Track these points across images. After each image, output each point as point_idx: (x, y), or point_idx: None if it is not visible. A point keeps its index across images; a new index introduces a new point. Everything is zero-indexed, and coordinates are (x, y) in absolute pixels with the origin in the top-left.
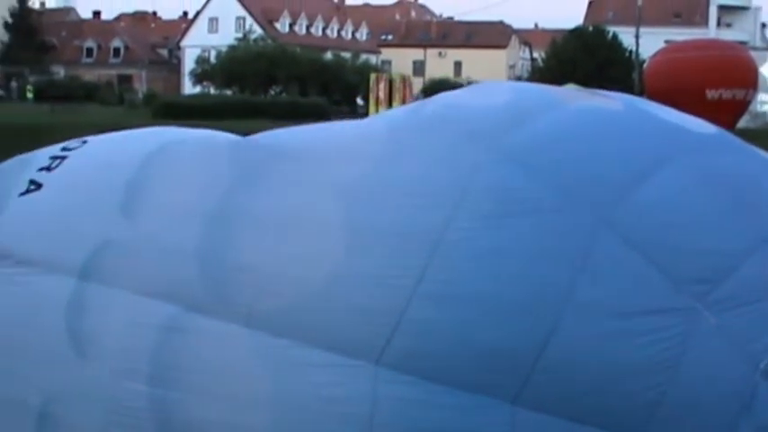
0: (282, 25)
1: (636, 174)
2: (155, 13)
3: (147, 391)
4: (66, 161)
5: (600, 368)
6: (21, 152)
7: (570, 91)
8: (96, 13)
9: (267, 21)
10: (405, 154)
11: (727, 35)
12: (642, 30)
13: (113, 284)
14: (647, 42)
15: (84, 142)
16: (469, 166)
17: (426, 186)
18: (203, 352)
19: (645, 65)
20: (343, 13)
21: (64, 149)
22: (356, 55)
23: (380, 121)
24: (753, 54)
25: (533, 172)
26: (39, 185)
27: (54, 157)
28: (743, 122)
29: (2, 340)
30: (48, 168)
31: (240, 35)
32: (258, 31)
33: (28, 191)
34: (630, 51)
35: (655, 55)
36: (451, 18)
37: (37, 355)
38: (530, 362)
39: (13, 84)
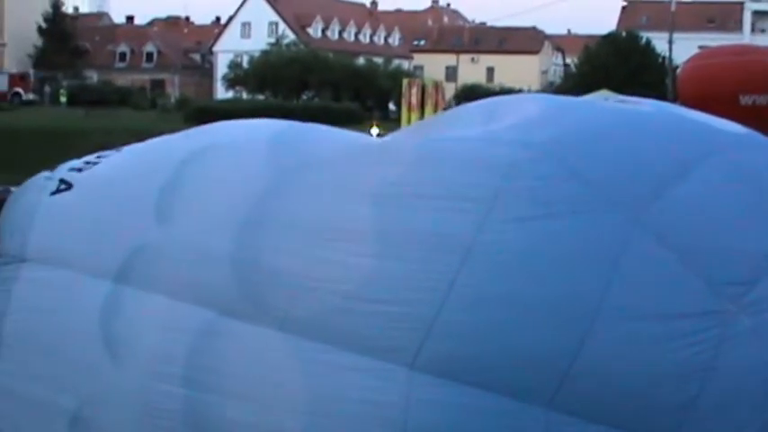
0: (315, 30)
1: (670, 173)
2: (187, 18)
3: (182, 394)
4: (98, 165)
5: (634, 371)
6: (57, 156)
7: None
8: (129, 18)
9: (300, 26)
10: (437, 156)
11: (762, 40)
12: (676, 35)
13: (148, 288)
14: (681, 48)
15: (119, 150)
16: (503, 167)
17: (459, 188)
18: (238, 355)
19: (678, 70)
20: (375, 18)
21: (98, 156)
22: (389, 60)
23: (413, 128)
24: None
25: (567, 172)
26: (69, 185)
27: (88, 162)
28: None
29: (36, 342)
30: (79, 170)
31: (273, 40)
32: (291, 36)
33: (58, 190)
34: (664, 57)
35: (688, 60)
36: (484, 23)
37: (70, 357)
38: (564, 365)
39: (47, 88)
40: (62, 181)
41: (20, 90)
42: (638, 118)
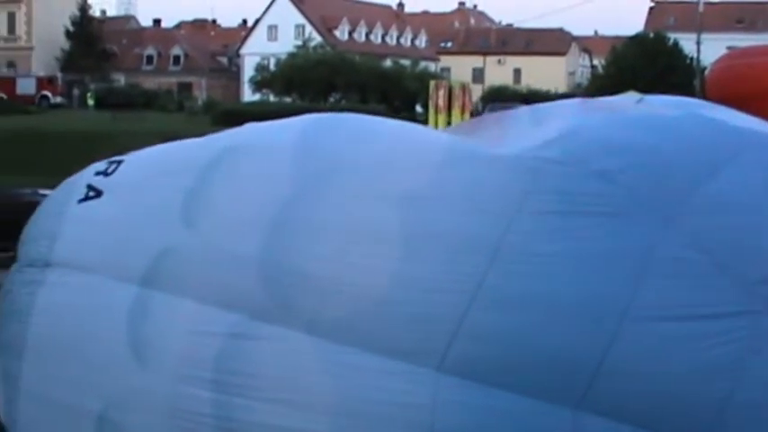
0: (342, 33)
1: (699, 173)
2: (214, 21)
3: (211, 397)
4: (122, 165)
5: (663, 372)
6: (84, 158)
7: (626, 99)
8: (156, 21)
9: (326, 28)
10: (463, 159)
11: None
12: (704, 36)
13: (175, 292)
14: (709, 49)
15: (143, 152)
16: (530, 168)
17: (486, 190)
18: (267, 359)
19: (706, 71)
20: (402, 20)
21: (123, 158)
22: (415, 62)
23: (442, 131)
24: None
25: (596, 173)
26: (98, 192)
27: (111, 162)
28: None
29: (63, 346)
30: (105, 173)
31: (299, 43)
32: (317, 38)
33: (87, 197)
34: (692, 58)
35: (716, 61)
36: (511, 25)
37: (97, 361)
38: (592, 366)
39: (76, 91)
40: (90, 187)
41: (48, 93)
42: (665, 121)
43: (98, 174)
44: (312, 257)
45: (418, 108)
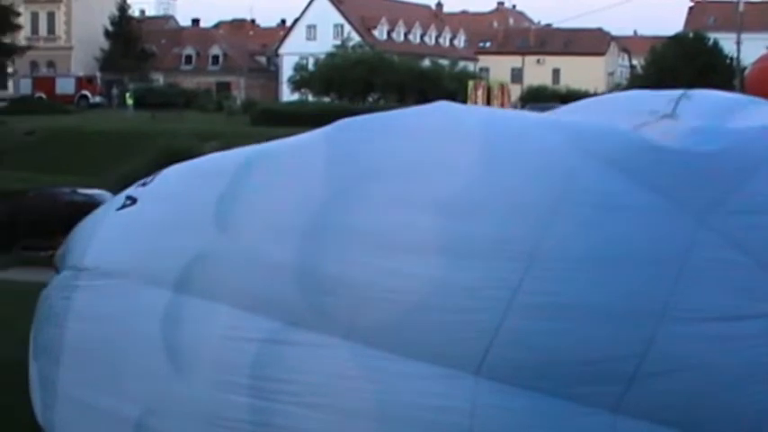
0: (380, 32)
1: (738, 173)
2: (253, 21)
3: (249, 403)
4: (159, 176)
5: (703, 373)
6: (123, 158)
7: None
8: (195, 21)
9: (365, 28)
10: (499, 163)
11: None
12: (744, 36)
13: (209, 297)
14: (749, 48)
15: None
16: (566, 171)
17: (521, 195)
18: (304, 365)
19: (746, 71)
20: (441, 20)
21: (162, 171)
22: (454, 62)
23: (474, 129)
24: None
25: (632, 174)
26: (134, 200)
27: (153, 175)
28: None
29: (99, 351)
30: (143, 184)
31: (338, 42)
32: (356, 38)
33: (124, 206)
34: (731, 58)
35: (756, 61)
36: (550, 25)
37: (133, 366)
38: (630, 369)
39: (115, 91)
40: (128, 197)
41: (87, 93)
42: (686, 129)
43: (138, 185)
44: (348, 263)
45: None
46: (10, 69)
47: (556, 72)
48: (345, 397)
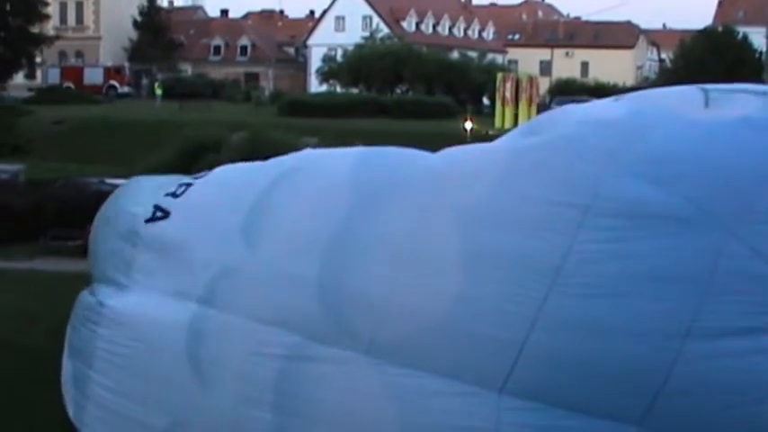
0: (409, 24)
1: (760, 183)
2: (281, 12)
3: (271, 420)
4: (191, 188)
5: (729, 388)
6: (151, 148)
7: (685, 95)
8: (224, 12)
9: (394, 20)
10: (523, 176)
11: None
12: None
13: (233, 311)
14: None
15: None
16: (592, 184)
17: (546, 208)
18: (326, 381)
19: None
20: (469, 12)
21: (194, 178)
22: (483, 54)
23: (499, 143)
24: None
25: (659, 185)
26: (166, 213)
27: (182, 184)
28: None
29: (128, 359)
30: (174, 194)
31: (367, 34)
32: (385, 29)
33: (154, 218)
34: (761, 52)
35: None
36: (579, 18)
37: (159, 377)
38: (656, 385)
39: (145, 81)
40: (157, 208)
41: (115, 83)
42: (721, 130)
43: (167, 195)
44: (369, 277)
45: (485, 100)
46: (38, 59)
47: (584, 65)
48: (367, 414)
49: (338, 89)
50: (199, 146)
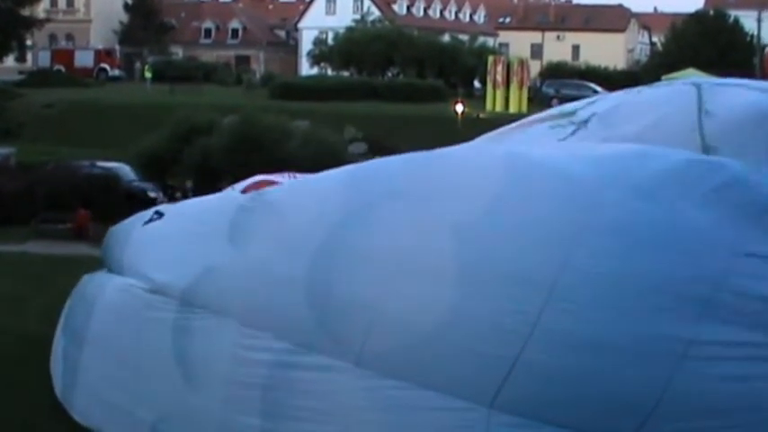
0: (400, 7)
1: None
2: None
3: (259, 424)
4: (190, 199)
5: (721, 414)
6: (142, 131)
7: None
8: None
9: (385, 2)
10: (521, 190)
11: None
12: (765, 14)
13: (218, 311)
14: None
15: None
16: (590, 201)
17: (544, 224)
18: (315, 390)
19: (766, 49)
20: None
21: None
22: (474, 37)
23: (496, 152)
24: None
25: (661, 204)
26: (161, 215)
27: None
28: None
29: (119, 350)
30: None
31: (358, 17)
32: (376, 12)
33: (151, 219)
34: (752, 36)
35: None
36: (570, 1)
37: (147, 371)
38: (648, 406)
39: (137, 65)
40: (156, 212)
41: (106, 66)
42: (710, 159)
43: (170, 203)
44: (360, 284)
45: (476, 83)
46: (29, 42)
47: (575, 48)
48: (354, 425)
49: (329, 72)
50: (190, 129)
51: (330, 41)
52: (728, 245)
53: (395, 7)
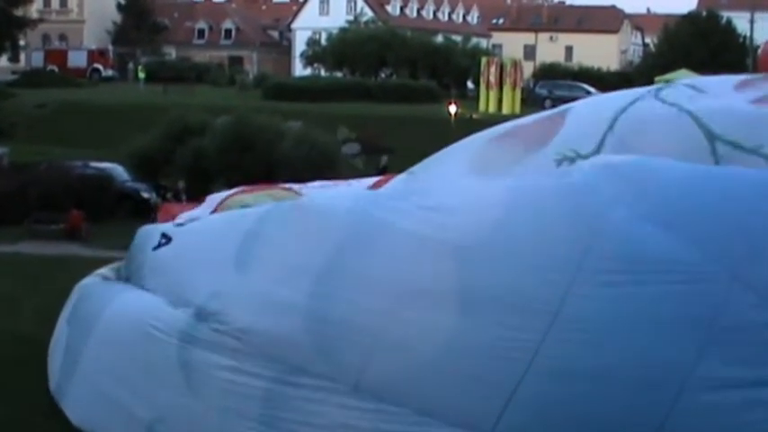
0: (393, 8)
1: (766, 228)
2: None
3: None
4: (196, 221)
5: None
6: (135, 131)
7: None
8: None
9: (378, 3)
10: (524, 216)
11: None
12: (757, 14)
13: (222, 332)
14: (763, 27)
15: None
16: (592, 226)
17: (546, 247)
18: (313, 409)
19: (759, 50)
20: None
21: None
22: (467, 38)
23: (499, 179)
24: None
25: (662, 226)
26: (169, 239)
27: (192, 219)
28: None
29: (124, 346)
30: (180, 224)
31: (351, 17)
32: (369, 13)
33: (159, 245)
34: (745, 37)
35: None
36: (563, 2)
37: (151, 371)
38: None
39: (131, 65)
40: (163, 235)
41: (99, 66)
42: (725, 175)
43: (176, 224)
44: (361, 310)
45: (469, 84)
46: (22, 42)
47: (569, 49)
48: None
49: (322, 73)
50: (183, 129)
51: (323, 42)
52: (728, 273)
53: (388, 8)
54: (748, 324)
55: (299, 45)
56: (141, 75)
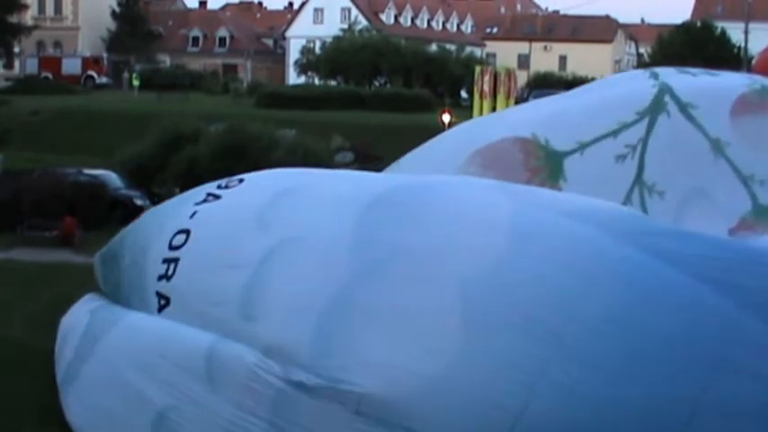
0: (387, 17)
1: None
2: (260, 3)
3: (264, 428)
4: (180, 263)
5: None
6: (130, 138)
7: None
8: (202, 3)
9: (372, 12)
10: (527, 249)
11: None
12: (752, 25)
13: (241, 356)
14: (757, 38)
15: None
16: (593, 254)
17: (549, 278)
18: (320, 419)
19: (753, 61)
20: (448, 5)
21: (181, 248)
22: (461, 47)
23: (502, 209)
24: None
25: (665, 257)
26: (167, 300)
27: (176, 258)
28: None
29: (149, 335)
30: (166, 276)
31: (345, 26)
32: (363, 22)
33: (160, 307)
34: (739, 47)
35: (763, 51)
36: (557, 12)
37: (172, 359)
38: None
39: (125, 73)
40: (159, 295)
41: (93, 73)
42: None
43: (165, 261)
44: (365, 339)
45: (463, 93)
46: (16, 49)
47: (563, 59)
48: None
49: (316, 81)
50: (177, 137)
51: (317, 50)
52: (729, 304)
53: (382, 17)
54: (759, 348)
55: (294, 53)
56: (135, 82)
